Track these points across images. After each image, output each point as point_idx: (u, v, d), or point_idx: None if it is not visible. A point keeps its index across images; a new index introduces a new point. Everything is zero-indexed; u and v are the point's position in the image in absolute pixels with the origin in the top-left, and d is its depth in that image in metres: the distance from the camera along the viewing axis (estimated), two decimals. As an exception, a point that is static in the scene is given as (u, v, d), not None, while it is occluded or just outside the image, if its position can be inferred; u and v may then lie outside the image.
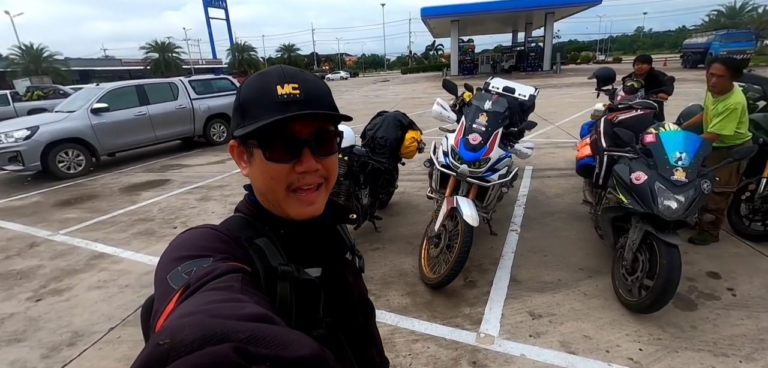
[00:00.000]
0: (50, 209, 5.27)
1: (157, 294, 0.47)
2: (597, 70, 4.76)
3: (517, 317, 2.57)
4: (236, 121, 0.61)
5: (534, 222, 4.01)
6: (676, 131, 2.50)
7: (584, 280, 2.93)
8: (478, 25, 37.75)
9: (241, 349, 0.29)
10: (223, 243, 0.54)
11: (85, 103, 7.16)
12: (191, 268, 0.47)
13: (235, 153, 0.64)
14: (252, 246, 0.57)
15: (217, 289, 0.43)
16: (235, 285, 0.44)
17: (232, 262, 0.50)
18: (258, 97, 0.58)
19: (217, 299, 0.40)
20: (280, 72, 0.60)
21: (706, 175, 2.35)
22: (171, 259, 0.50)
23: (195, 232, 0.55)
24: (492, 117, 2.89)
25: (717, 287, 2.75)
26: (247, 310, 0.37)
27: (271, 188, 0.61)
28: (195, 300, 0.40)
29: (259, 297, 0.46)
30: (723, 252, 3.19)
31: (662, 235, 2.32)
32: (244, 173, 0.64)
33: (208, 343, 0.29)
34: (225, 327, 0.32)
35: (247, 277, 0.48)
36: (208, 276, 0.45)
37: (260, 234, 0.60)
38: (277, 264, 0.57)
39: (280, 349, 0.32)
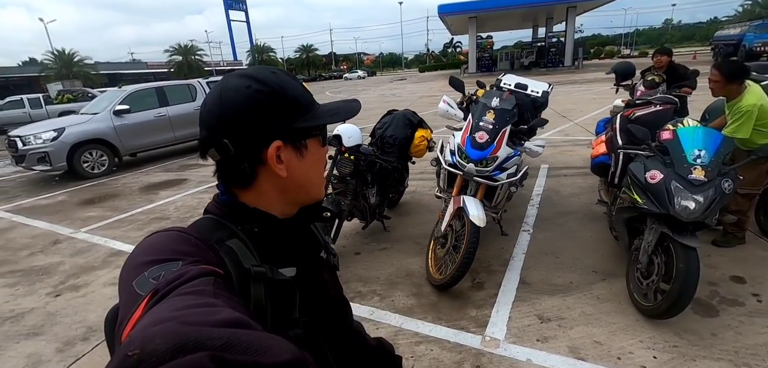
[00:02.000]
0: (74, 208, 5.48)
1: (122, 301, 0.45)
2: (616, 64, 4.59)
3: (524, 320, 2.50)
4: (286, 118, 0.59)
5: (547, 222, 3.89)
6: (696, 127, 2.37)
7: (597, 283, 2.82)
8: (496, 21, 37.14)
9: (218, 357, 0.28)
10: (192, 246, 0.52)
11: (108, 105, 7.41)
12: (159, 273, 0.45)
13: (274, 156, 0.59)
14: (222, 248, 0.56)
15: (189, 294, 0.41)
16: (207, 289, 0.43)
17: (203, 265, 0.48)
18: (305, 94, 0.63)
19: (189, 304, 0.38)
20: (289, 73, 0.65)
21: (727, 174, 2.21)
22: (137, 264, 0.48)
23: (162, 235, 0.54)
24: (499, 114, 2.82)
25: (741, 292, 2.59)
26: (222, 315, 0.36)
27: (319, 173, 0.67)
28: (165, 307, 0.38)
29: (233, 301, 0.44)
30: (749, 255, 3.01)
31: (679, 237, 2.20)
32: (283, 174, 0.60)
33: (181, 353, 0.28)
34: (199, 334, 0.31)
35: (220, 280, 0.47)
36: (178, 280, 0.43)
37: (231, 235, 0.58)
38: (250, 266, 0.55)
39: (259, 355, 0.31)
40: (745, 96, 2.72)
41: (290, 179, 0.61)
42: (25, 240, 4.42)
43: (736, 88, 2.78)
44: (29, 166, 6.57)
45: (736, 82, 2.77)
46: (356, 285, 3.02)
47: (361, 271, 3.22)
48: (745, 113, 2.68)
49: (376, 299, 2.84)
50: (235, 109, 0.57)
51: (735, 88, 2.78)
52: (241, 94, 0.57)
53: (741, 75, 2.77)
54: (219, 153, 0.58)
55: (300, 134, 0.61)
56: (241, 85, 0.58)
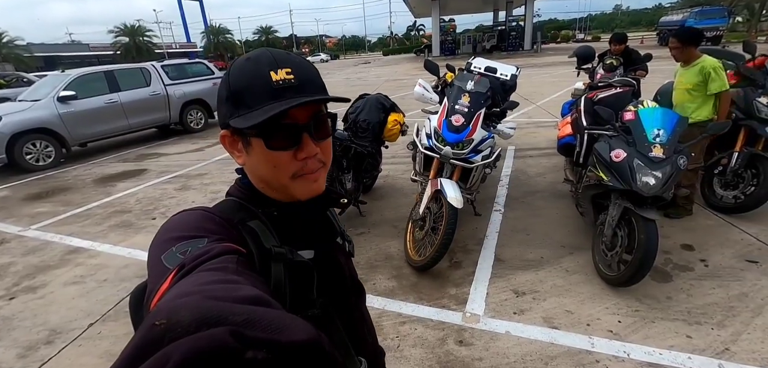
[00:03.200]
0: (19, 203, 5.04)
1: (151, 274, 0.47)
2: (577, 48, 4.81)
3: (501, 295, 2.62)
4: (228, 110, 0.59)
5: (516, 201, 4.06)
6: (655, 108, 2.55)
7: (566, 257, 3.00)
8: (458, 3, 37.51)
9: (238, 333, 0.29)
10: (216, 225, 0.54)
11: (51, 91, 6.80)
12: (186, 248, 0.47)
13: (227, 143, 0.62)
14: (245, 229, 0.57)
15: (213, 270, 0.42)
16: (230, 266, 0.44)
17: (227, 243, 0.49)
18: (252, 85, 0.57)
19: (213, 280, 0.40)
20: (270, 57, 0.58)
21: (682, 151, 2.41)
22: (165, 240, 0.50)
23: (189, 214, 0.55)
24: (474, 97, 2.88)
25: (691, 259, 2.86)
26: (243, 292, 0.37)
27: (276, 176, 0.61)
28: (191, 281, 0.40)
29: (255, 278, 0.45)
30: (696, 225, 3.31)
31: (640, 211, 2.38)
32: (239, 162, 0.63)
33: (204, 325, 0.29)
34: (221, 309, 0.32)
35: (242, 259, 0.48)
36: (203, 256, 0.45)
37: (253, 216, 0.60)
38: (270, 246, 0.57)
39: (277, 333, 0.31)
40: (705, 58, 3.02)
41: (250, 169, 0.64)
42: (-35, 240, 4.03)
43: (692, 52, 3.07)
44: (-34, 159, 5.94)
45: (692, 45, 3.06)
46: (336, 271, 3.02)
47: (340, 257, 3.22)
48: (716, 68, 2.96)
49: (358, 283, 2.86)
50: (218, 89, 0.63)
51: (692, 50, 3.06)
52: (223, 76, 0.63)
53: (696, 39, 3.08)
54: None
55: (238, 129, 0.58)
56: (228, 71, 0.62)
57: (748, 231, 3.15)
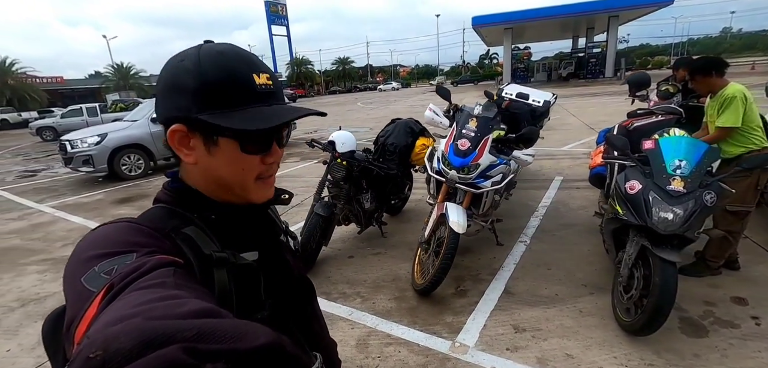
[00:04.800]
0: (109, 206, 5.98)
1: (69, 300, 0.42)
2: (630, 74, 4.45)
3: (499, 329, 2.48)
4: (195, 102, 0.53)
5: (547, 234, 3.80)
6: (680, 137, 2.28)
7: (584, 297, 2.73)
8: (534, 31, 36.38)
9: (191, 348, 0.27)
10: (145, 237, 0.49)
11: (147, 113, 8.04)
12: (111, 267, 0.42)
13: (176, 138, 0.55)
14: (179, 236, 0.54)
15: (149, 287, 0.39)
16: (168, 280, 0.41)
17: (161, 256, 0.45)
18: (235, 83, 0.54)
19: (152, 298, 0.36)
20: (247, 57, 0.57)
21: (710, 186, 2.11)
22: (83, 259, 0.45)
23: (109, 227, 0.50)
24: (482, 122, 2.83)
25: (739, 314, 2.43)
26: (189, 307, 0.34)
27: (241, 179, 0.59)
28: (124, 303, 0.36)
29: (198, 290, 0.42)
30: (759, 276, 2.80)
31: (658, 250, 2.11)
32: (188, 160, 0.57)
33: (149, 348, 0.27)
34: (167, 327, 0.29)
35: (180, 271, 0.44)
36: (134, 273, 0.40)
37: (187, 222, 0.56)
38: (210, 252, 0.54)
39: (234, 342, 0.30)
40: (728, 87, 2.58)
41: (202, 169, 0.58)
42: (62, 233, 4.89)
43: (714, 81, 2.63)
44: (75, 168, 7.24)
45: (711, 75, 2.63)
46: (342, 287, 3.11)
47: (350, 274, 3.31)
48: (729, 98, 2.51)
49: (359, 300, 2.91)
50: (163, 78, 0.56)
51: (714, 80, 2.63)
52: (172, 64, 0.56)
53: (711, 66, 2.64)
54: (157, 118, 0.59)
55: (205, 127, 0.54)
56: (180, 56, 0.56)
57: (830, 289, 2.59)
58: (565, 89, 23.53)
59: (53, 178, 8.37)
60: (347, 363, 2.27)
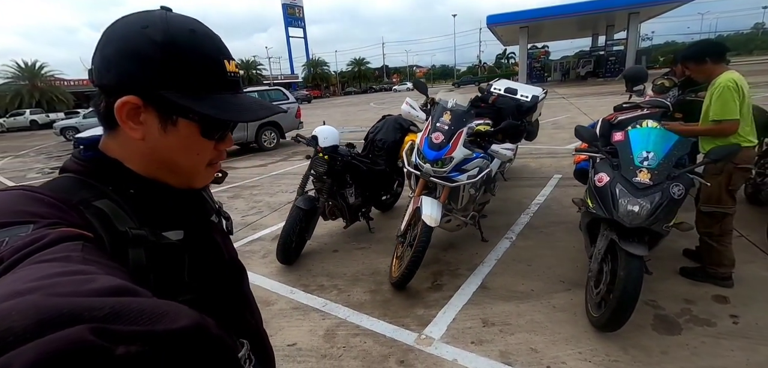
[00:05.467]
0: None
1: None
2: (626, 69, 4.34)
3: (467, 323, 2.46)
4: (159, 76, 0.50)
5: (535, 230, 3.74)
6: (650, 128, 2.21)
7: (560, 293, 2.69)
8: (551, 30, 35.68)
9: (101, 329, 0.24)
10: (46, 207, 0.43)
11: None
12: (2, 238, 0.36)
13: (125, 109, 0.50)
14: (90, 210, 0.48)
15: (50, 261, 0.33)
16: (74, 254, 0.35)
17: (66, 228, 0.40)
18: (205, 66, 0.53)
19: (53, 272, 0.31)
20: (218, 42, 0.56)
21: (679, 178, 2.04)
22: None
23: (2, 195, 0.44)
24: (455, 116, 2.81)
25: (718, 313, 2.34)
26: (99, 283, 0.30)
27: (194, 163, 0.58)
28: (18, 277, 0.31)
29: (111, 267, 0.37)
30: (747, 274, 2.69)
31: (625, 244, 2.06)
32: (135, 136, 0.52)
33: (51, 327, 0.23)
34: (72, 305, 0.25)
35: (89, 246, 0.39)
36: (32, 245, 0.35)
37: (100, 195, 0.50)
38: (126, 229, 0.49)
39: (152, 323, 0.26)
40: (721, 76, 2.36)
41: (148, 147, 0.54)
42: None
43: (710, 68, 2.43)
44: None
45: (704, 62, 2.43)
46: (321, 279, 3.14)
47: (331, 267, 3.34)
48: (720, 88, 2.30)
49: (335, 292, 2.93)
50: (115, 41, 0.51)
51: (709, 67, 2.43)
52: (130, 30, 0.51)
53: (704, 51, 2.45)
54: (90, 77, 0.53)
55: (167, 105, 0.51)
56: (140, 22, 0.51)
57: (821, 289, 2.46)
58: (581, 88, 23.03)
59: (70, 175, 8.72)
60: (312, 353, 2.30)
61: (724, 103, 2.27)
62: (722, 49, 2.51)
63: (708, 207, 2.45)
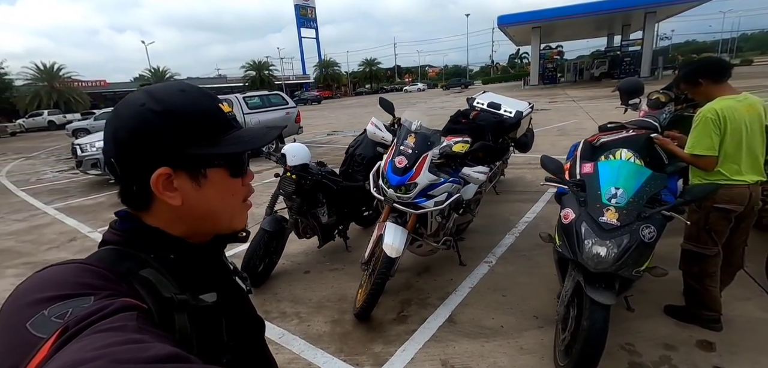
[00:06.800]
0: (107, 209, 6.20)
1: (10, 348, 0.36)
2: (622, 81, 4.09)
3: (425, 365, 2.29)
4: (176, 141, 0.53)
5: (517, 254, 3.54)
6: (622, 162, 2.01)
7: (530, 331, 2.49)
8: (565, 30, 34.95)
9: None
10: (101, 279, 0.45)
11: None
12: (66, 310, 0.38)
13: (161, 182, 0.53)
14: (136, 279, 0.50)
15: (109, 330, 0.35)
16: (129, 324, 0.38)
17: (124, 299, 0.42)
18: (210, 115, 0.57)
19: (114, 341, 0.33)
20: (205, 91, 0.59)
21: (650, 218, 1.83)
22: (28, 303, 0.39)
23: (61, 269, 0.46)
24: (420, 139, 2.64)
25: (700, 362, 2.11)
26: (154, 351, 0.32)
27: (231, 204, 0.62)
28: (82, 345, 0.32)
29: (161, 335, 0.40)
30: (739, 314, 2.45)
31: (589, 290, 1.86)
32: (175, 203, 0.55)
33: None
34: None
35: (142, 315, 0.42)
36: (93, 315, 0.37)
37: (143, 264, 0.53)
38: (171, 295, 0.51)
39: None
40: (712, 102, 2.10)
41: (187, 208, 0.56)
42: (53, 235, 5.10)
43: (706, 89, 2.17)
44: (85, 171, 7.59)
45: (698, 84, 2.18)
46: (285, 305, 3.01)
47: (298, 291, 3.21)
48: (698, 117, 2.08)
49: (295, 321, 2.80)
50: (123, 128, 0.53)
51: (705, 89, 2.17)
52: (132, 112, 0.53)
53: (699, 73, 2.18)
54: (110, 172, 0.56)
55: (195, 162, 0.55)
56: (136, 101, 0.54)
57: (820, 337, 2.21)
58: (594, 90, 22.38)
59: (71, 180, 8.82)
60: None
61: (698, 137, 2.05)
62: (718, 68, 2.22)
63: (687, 245, 2.22)
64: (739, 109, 2.03)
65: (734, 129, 2.01)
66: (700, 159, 2.09)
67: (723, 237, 2.18)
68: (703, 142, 2.05)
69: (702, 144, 2.06)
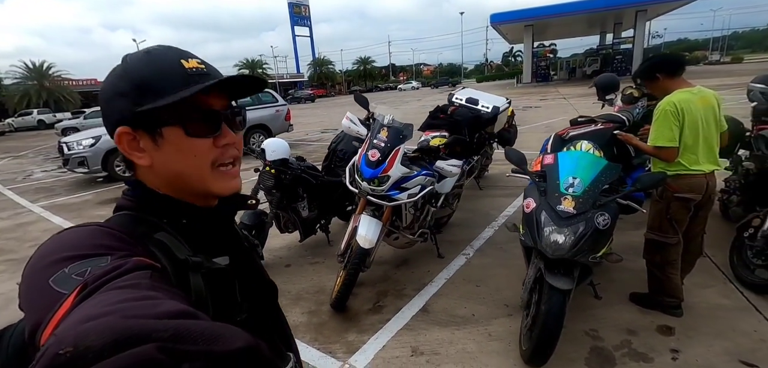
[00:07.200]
0: (92, 207, 6.20)
1: (33, 304, 0.40)
2: (598, 77, 4.18)
3: (396, 351, 2.35)
4: (129, 103, 0.53)
5: (494, 246, 3.61)
6: (581, 153, 2.08)
7: (500, 318, 2.56)
8: (557, 28, 35.16)
9: (167, 348, 0.27)
10: (117, 241, 0.48)
11: (142, 116, 8.29)
12: (85, 268, 0.41)
13: (124, 142, 0.55)
14: (151, 242, 0.53)
15: (124, 287, 0.38)
16: (143, 281, 0.40)
17: (138, 258, 0.44)
18: (163, 73, 0.54)
19: (127, 297, 0.35)
20: (177, 49, 0.58)
21: (605, 206, 1.90)
22: (51, 262, 0.42)
23: (80, 230, 0.49)
24: (392, 133, 2.70)
25: (659, 346, 2.19)
26: (165, 307, 0.34)
27: (196, 167, 0.57)
28: (98, 301, 0.35)
29: (174, 292, 0.42)
30: (700, 301, 2.54)
31: (548, 276, 1.93)
32: (142, 162, 0.56)
33: (124, 346, 0.26)
34: (142, 326, 0.29)
35: (156, 274, 0.44)
36: (109, 274, 0.39)
37: (157, 228, 0.55)
38: (185, 256, 0.53)
39: (211, 344, 0.30)
40: (673, 93, 2.17)
41: (157, 168, 0.57)
42: (37, 233, 5.10)
43: (664, 84, 2.22)
44: (71, 169, 7.56)
45: (656, 78, 2.25)
46: (264, 298, 3.05)
47: (278, 284, 3.21)
48: (656, 110, 2.15)
49: (273, 313, 2.84)
50: (101, 95, 0.57)
51: (662, 83, 2.24)
52: (107, 78, 0.57)
53: (656, 68, 2.25)
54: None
55: (145, 120, 0.54)
56: (112, 70, 0.57)
57: (774, 321, 2.30)
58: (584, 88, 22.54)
59: (58, 179, 8.79)
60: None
61: (659, 129, 2.11)
62: (674, 62, 2.30)
63: (649, 234, 2.30)
64: (695, 101, 2.11)
65: (691, 120, 2.09)
66: (663, 150, 2.17)
67: (683, 226, 2.26)
68: (664, 134, 2.13)
69: (663, 136, 2.13)
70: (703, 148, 2.17)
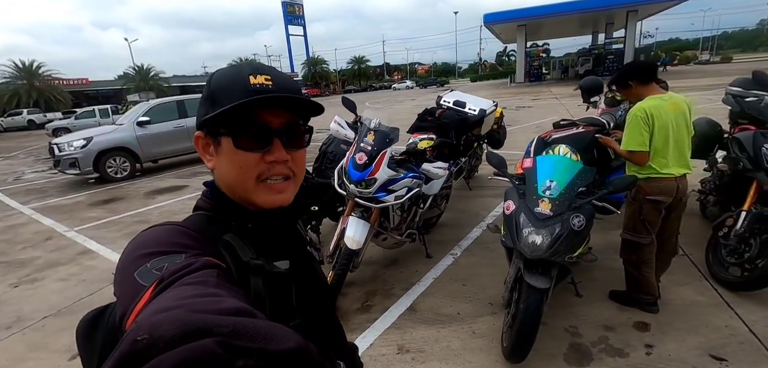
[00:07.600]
0: (84, 208, 6.19)
1: (123, 294, 0.46)
2: (582, 80, 4.27)
3: (382, 350, 2.42)
4: (204, 110, 0.61)
5: (481, 246, 3.69)
6: (558, 157, 2.16)
7: (484, 317, 2.64)
8: (550, 28, 35.44)
9: (225, 343, 0.29)
10: (192, 240, 0.54)
11: (133, 117, 8.28)
12: (162, 264, 0.47)
13: (200, 145, 0.64)
14: (220, 242, 0.57)
15: (193, 283, 0.43)
16: (210, 279, 0.44)
17: (207, 258, 0.49)
18: (229, 86, 0.59)
19: (195, 293, 0.39)
20: (254, 65, 0.62)
21: (580, 208, 1.98)
22: (137, 257, 0.49)
23: (161, 229, 0.55)
24: (379, 136, 2.77)
25: (634, 342, 2.28)
26: (227, 304, 0.37)
27: (241, 178, 0.61)
28: (170, 295, 0.40)
29: (236, 291, 0.45)
30: (675, 298, 2.63)
31: (527, 275, 2.01)
32: (209, 166, 0.64)
33: (189, 338, 0.29)
34: (206, 321, 0.31)
35: (222, 273, 0.49)
36: (182, 271, 0.44)
37: (226, 230, 0.60)
38: (248, 259, 0.57)
39: (265, 342, 0.31)
40: (645, 99, 2.26)
41: (218, 173, 0.64)
42: (29, 235, 5.10)
43: (637, 90, 2.32)
44: (63, 170, 7.54)
45: (628, 86, 2.34)
46: (254, 298, 3.10)
47: (268, 285, 3.30)
48: (628, 115, 2.24)
49: (263, 313, 2.90)
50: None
51: (635, 90, 2.32)
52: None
53: (629, 76, 2.33)
54: None
55: (211, 128, 0.61)
56: None
57: (745, 317, 2.40)
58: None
59: (49, 180, 8.74)
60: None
61: (630, 134, 2.20)
62: (647, 70, 2.38)
63: (625, 235, 2.39)
64: (665, 107, 2.19)
65: (661, 126, 2.18)
66: (634, 154, 2.26)
67: (656, 227, 2.35)
68: (635, 138, 2.22)
69: (635, 140, 2.22)
70: (674, 152, 2.26)
